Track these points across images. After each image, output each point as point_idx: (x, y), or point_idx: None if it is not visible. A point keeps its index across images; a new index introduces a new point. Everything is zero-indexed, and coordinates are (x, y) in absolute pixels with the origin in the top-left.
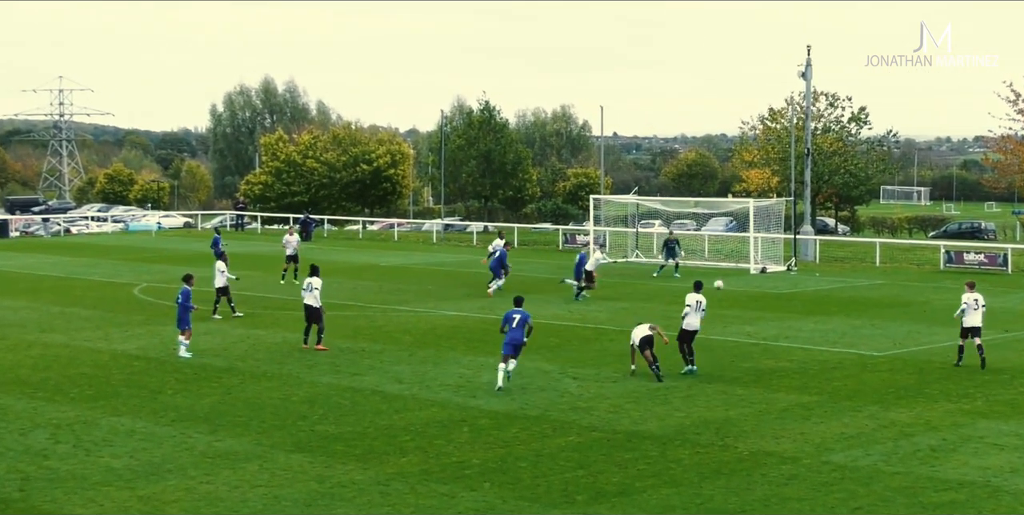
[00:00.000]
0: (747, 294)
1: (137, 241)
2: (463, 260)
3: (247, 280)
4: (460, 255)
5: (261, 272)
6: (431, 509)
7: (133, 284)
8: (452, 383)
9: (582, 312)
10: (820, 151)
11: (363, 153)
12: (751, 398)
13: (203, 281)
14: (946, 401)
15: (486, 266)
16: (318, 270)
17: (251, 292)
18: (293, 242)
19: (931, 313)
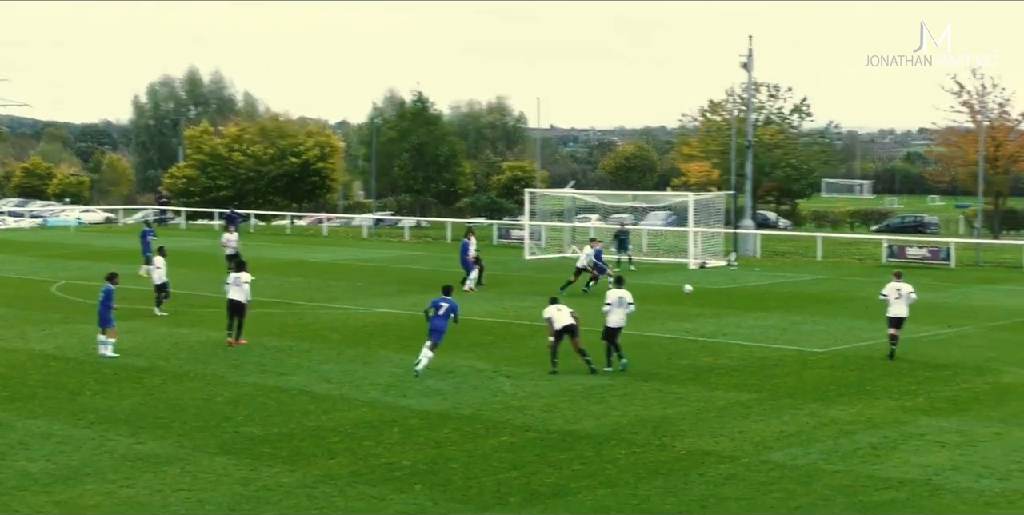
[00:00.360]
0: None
1: (56, 237)
2: (394, 256)
3: (170, 277)
4: (391, 251)
5: (184, 269)
6: (360, 512)
7: (51, 281)
8: (382, 383)
9: (516, 309)
10: (761, 143)
11: (291, 146)
12: (689, 396)
13: (129, 279)
14: (888, 398)
15: (415, 262)
16: (245, 265)
17: (174, 289)
18: (233, 240)
19: (873, 309)
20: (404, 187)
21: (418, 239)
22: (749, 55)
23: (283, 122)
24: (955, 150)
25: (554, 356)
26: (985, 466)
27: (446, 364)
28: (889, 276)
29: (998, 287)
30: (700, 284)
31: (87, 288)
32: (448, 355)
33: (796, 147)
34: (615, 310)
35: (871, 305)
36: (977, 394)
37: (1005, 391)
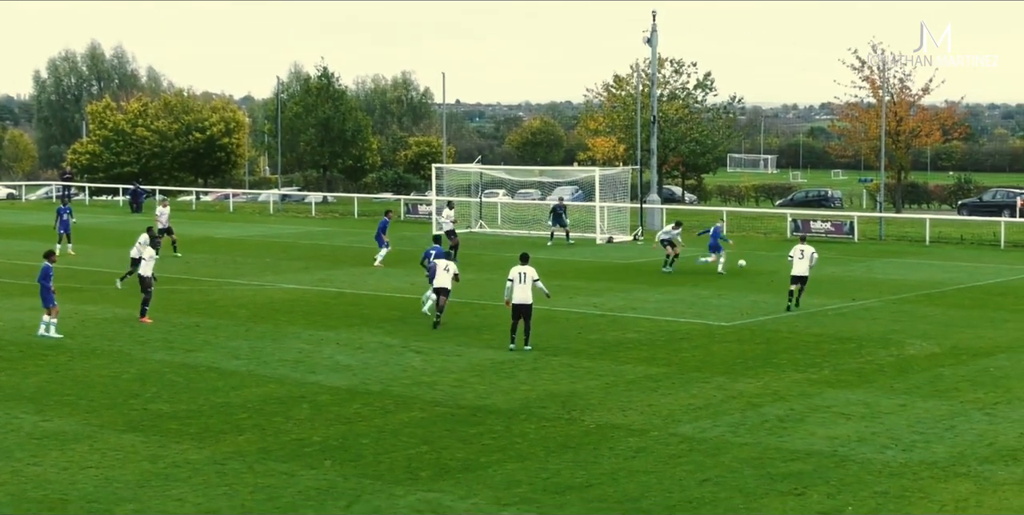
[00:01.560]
0: (593, 265)
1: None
2: (301, 232)
3: (76, 254)
4: (298, 227)
5: (89, 245)
6: (270, 488)
7: None
8: (291, 359)
9: (424, 285)
10: (666, 118)
11: (196, 121)
12: (598, 370)
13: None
14: (794, 371)
15: (322, 238)
16: (157, 242)
17: (79, 266)
18: (165, 214)
19: (779, 282)
20: (310, 163)
21: (325, 215)
22: (653, 30)
23: (187, 97)
24: (857, 125)
25: (437, 311)
26: (890, 437)
27: (354, 339)
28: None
29: (901, 260)
30: (608, 259)
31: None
32: (356, 330)
33: (700, 122)
34: (518, 287)
35: (777, 279)
36: (881, 366)
37: (908, 363)
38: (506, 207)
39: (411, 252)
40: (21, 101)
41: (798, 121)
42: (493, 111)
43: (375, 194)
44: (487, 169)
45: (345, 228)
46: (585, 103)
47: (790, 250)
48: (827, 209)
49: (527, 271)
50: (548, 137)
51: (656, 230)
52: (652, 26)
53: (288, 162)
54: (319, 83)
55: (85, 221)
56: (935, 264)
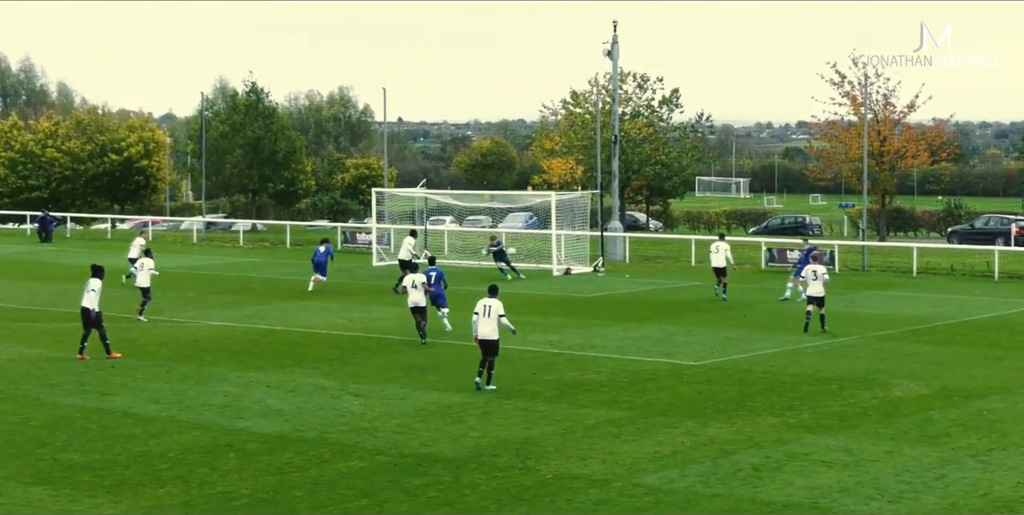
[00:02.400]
0: (549, 298)
1: None
2: (228, 263)
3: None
4: (225, 257)
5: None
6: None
7: None
8: (216, 403)
9: (364, 321)
10: (629, 138)
11: (111, 141)
12: (555, 415)
13: None
14: (769, 415)
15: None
16: (101, 270)
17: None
18: (140, 246)
19: (753, 317)
20: (238, 187)
21: (254, 245)
22: (614, 42)
23: (102, 115)
24: (837, 145)
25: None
26: (875, 487)
27: (286, 381)
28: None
29: (885, 293)
30: (565, 292)
31: None
32: (289, 372)
33: (666, 142)
34: (483, 321)
35: (751, 313)
36: (865, 409)
37: (895, 406)
38: (453, 235)
39: (348, 285)
40: None
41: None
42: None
43: (309, 221)
44: (433, 194)
45: (276, 259)
46: (540, 121)
47: (803, 271)
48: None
49: (493, 304)
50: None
51: (618, 261)
52: (613, 37)
53: (213, 186)
54: (247, 100)
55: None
56: (923, 297)
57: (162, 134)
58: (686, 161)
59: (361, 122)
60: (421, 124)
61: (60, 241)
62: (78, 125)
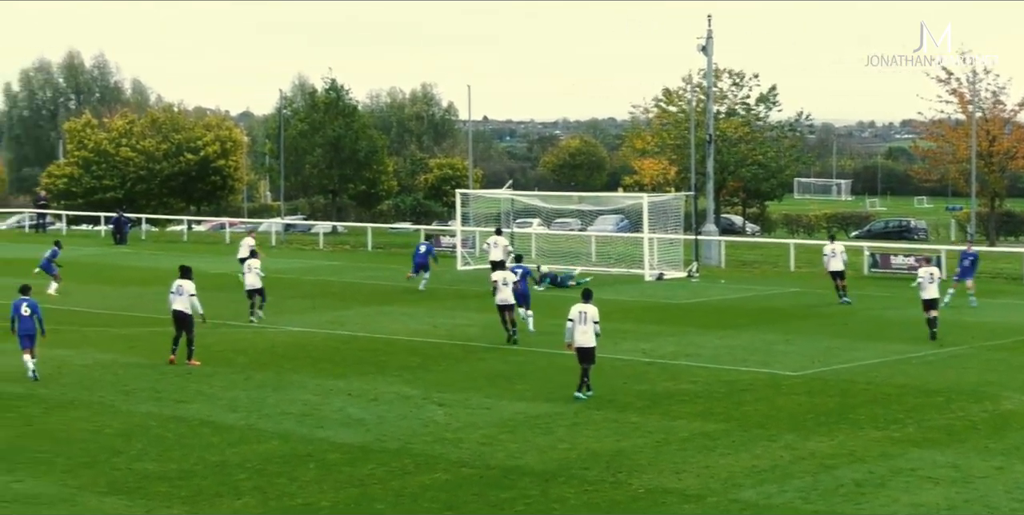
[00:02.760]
0: (641, 305)
1: None
2: (307, 266)
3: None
4: (304, 260)
5: (66, 282)
6: None
7: None
8: (296, 411)
9: (448, 327)
10: (724, 138)
11: (188, 140)
12: (647, 426)
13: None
14: (873, 428)
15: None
16: (190, 271)
17: (55, 304)
18: (249, 246)
19: (855, 326)
20: (317, 188)
21: (334, 247)
22: (708, 37)
23: (178, 113)
24: (944, 145)
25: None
26: (985, 505)
27: (368, 390)
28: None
29: (995, 301)
30: (658, 298)
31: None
32: (371, 379)
33: (764, 142)
34: (579, 328)
35: (853, 322)
36: (974, 423)
37: (1005, 419)
38: (541, 239)
39: (432, 290)
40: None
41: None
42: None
43: (391, 224)
44: (519, 195)
45: (357, 262)
46: (631, 120)
47: (918, 274)
48: (910, 241)
49: (588, 310)
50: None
51: (713, 266)
52: (707, 32)
53: (292, 187)
54: (327, 97)
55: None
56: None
57: (239, 133)
58: (784, 161)
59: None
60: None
61: (135, 243)
62: (153, 123)
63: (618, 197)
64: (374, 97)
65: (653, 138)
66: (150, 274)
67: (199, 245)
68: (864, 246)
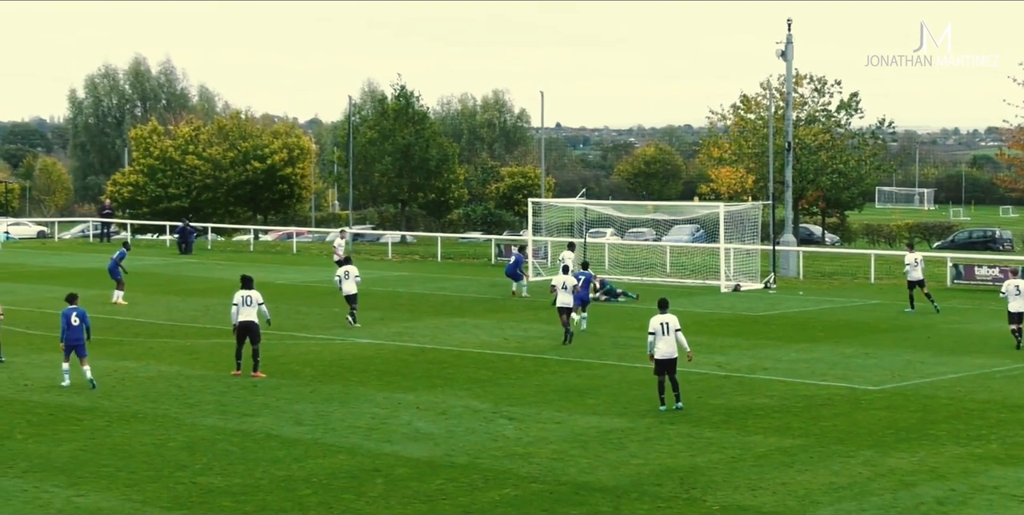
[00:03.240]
0: (717, 317)
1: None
2: (376, 277)
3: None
4: (372, 271)
5: (131, 292)
6: None
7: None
8: (363, 425)
9: (519, 339)
10: (803, 145)
11: (254, 148)
12: (722, 442)
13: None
14: (955, 444)
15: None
16: (252, 281)
17: (119, 316)
18: (341, 245)
19: (937, 339)
20: (387, 196)
21: (403, 257)
22: (788, 42)
23: (245, 121)
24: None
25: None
26: None
27: (437, 403)
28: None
29: None
30: (734, 310)
31: (18, 314)
32: (439, 393)
33: (844, 150)
34: (662, 339)
35: (934, 335)
36: None
37: None
38: (615, 249)
39: (502, 302)
40: (55, 125)
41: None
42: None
43: (461, 233)
44: (592, 204)
45: (426, 273)
46: (708, 127)
47: (1002, 286)
48: (994, 252)
49: (670, 321)
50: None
51: (791, 277)
52: (787, 37)
53: (361, 195)
54: (397, 104)
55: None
56: None
57: (307, 140)
58: (865, 170)
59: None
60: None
61: (200, 253)
62: (220, 131)
63: (694, 206)
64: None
65: (730, 146)
66: (215, 285)
67: (266, 255)
68: (947, 257)
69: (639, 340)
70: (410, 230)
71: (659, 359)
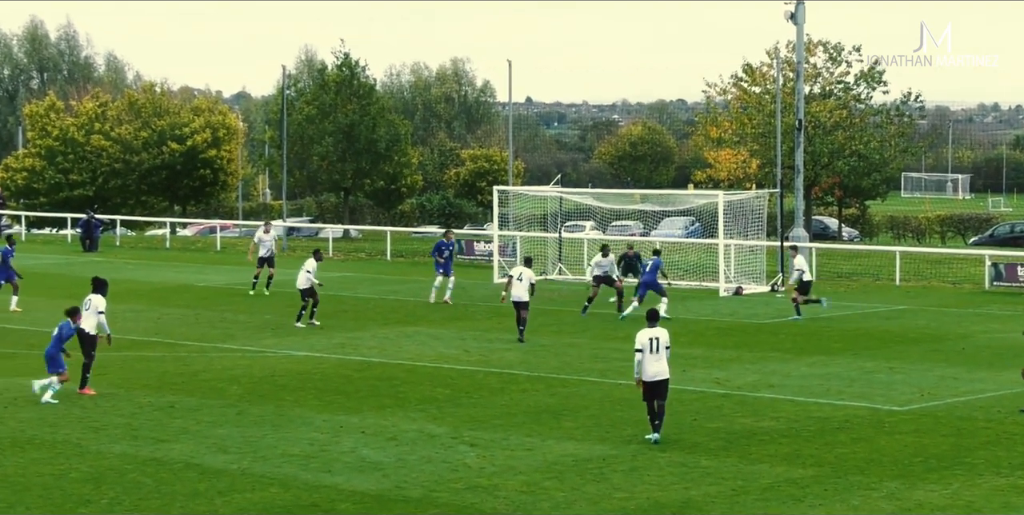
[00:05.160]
0: (715, 325)
1: None
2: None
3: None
4: None
5: (26, 295)
6: None
7: None
8: (299, 453)
9: (482, 352)
10: (817, 124)
11: (172, 127)
12: (721, 472)
13: None
14: (993, 474)
15: (343, 286)
16: (104, 286)
17: (11, 324)
18: (268, 240)
19: (973, 351)
20: (327, 184)
21: (347, 255)
22: (798, 3)
23: (160, 95)
24: None
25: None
26: None
27: (386, 427)
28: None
29: None
30: (736, 317)
31: None
32: (389, 415)
33: (865, 129)
34: (651, 357)
35: (971, 346)
36: None
37: None
38: (596, 246)
39: (464, 307)
40: None
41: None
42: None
43: (415, 227)
44: (569, 193)
45: (374, 273)
46: (705, 103)
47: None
48: None
49: (660, 335)
50: (653, 149)
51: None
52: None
53: (297, 183)
54: (339, 75)
55: (22, 262)
56: None
57: (234, 118)
58: (889, 153)
59: (480, 103)
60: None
61: (108, 250)
62: (131, 107)
63: (688, 195)
64: (395, 75)
65: (731, 124)
66: (125, 287)
67: (184, 252)
68: (986, 255)
69: (623, 353)
70: (354, 223)
71: (647, 381)
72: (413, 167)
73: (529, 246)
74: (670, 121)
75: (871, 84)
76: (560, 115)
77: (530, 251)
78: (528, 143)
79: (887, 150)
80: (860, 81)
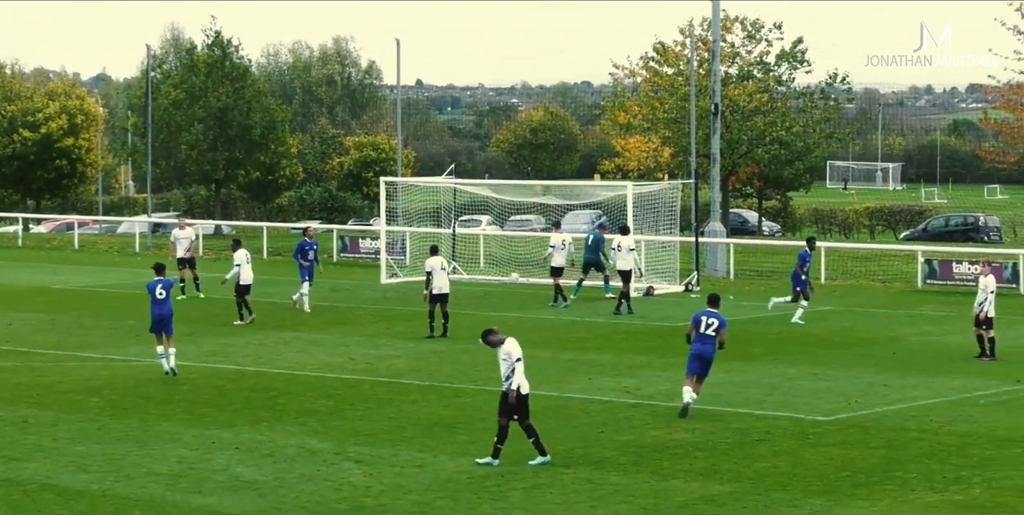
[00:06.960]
0: (624, 329)
1: None
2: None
3: None
4: (178, 272)
5: None
6: None
7: None
8: (166, 472)
9: (369, 359)
10: (735, 108)
11: (24, 113)
12: (631, 489)
13: None
14: (927, 489)
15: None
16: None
17: None
18: (185, 238)
19: (905, 355)
20: (197, 175)
21: (218, 254)
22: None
23: (11, 78)
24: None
25: (432, 320)
26: None
27: (262, 443)
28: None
29: None
30: (645, 320)
31: None
32: (265, 429)
33: (787, 113)
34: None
35: (902, 350)
36: None
37: None
38: (493, 242)
39: (348, 310)
40: None
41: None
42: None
43: (294, 223)
44: (464, 185)
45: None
46: (612, 85)
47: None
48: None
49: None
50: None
51: (719, 277)
52: None
53: (163, 174)
54: (210, 55)
55: None
56: None
57: (93, 103)
58: (813, 139)
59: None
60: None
61: None
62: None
63: (594, 187)
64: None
65: (641, 109)
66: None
67: (39, 251)
68: (918, 250)
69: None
70: (227, 218)
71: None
72: (292, 157)
73: (419, 243)
74: (574, 105)
75: (793, 64)
76: (454, 99)
77: (420, 249)
78: (419, 130)
79: (811, 137)
80: (781, 61)
